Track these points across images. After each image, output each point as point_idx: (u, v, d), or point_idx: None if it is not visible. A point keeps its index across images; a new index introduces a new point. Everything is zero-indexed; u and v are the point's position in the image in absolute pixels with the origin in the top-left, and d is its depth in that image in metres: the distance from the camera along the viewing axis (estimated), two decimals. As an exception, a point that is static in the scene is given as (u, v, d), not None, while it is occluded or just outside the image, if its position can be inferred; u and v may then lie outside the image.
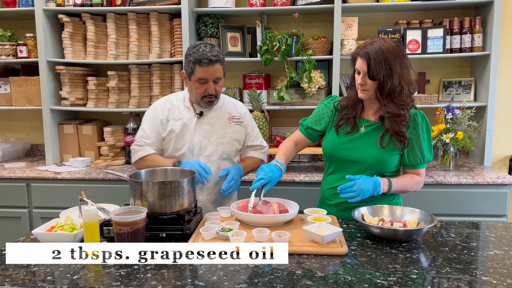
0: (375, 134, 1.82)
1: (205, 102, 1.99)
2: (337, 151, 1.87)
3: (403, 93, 1.75)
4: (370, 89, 1.76)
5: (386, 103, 1.76)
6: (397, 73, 1.71)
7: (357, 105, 1.86)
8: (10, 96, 3.17)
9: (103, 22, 3.09)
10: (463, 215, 2.59)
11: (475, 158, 3.06)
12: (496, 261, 1.40)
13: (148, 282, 1.26)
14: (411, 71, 1.79)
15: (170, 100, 2.10)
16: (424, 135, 1.83)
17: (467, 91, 3.10)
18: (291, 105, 2.96)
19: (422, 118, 1.83)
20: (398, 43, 1.78)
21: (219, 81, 1.97)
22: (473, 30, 2.89)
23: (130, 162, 3.07)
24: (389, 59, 1.70)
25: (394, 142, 1.78)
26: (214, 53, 1.90)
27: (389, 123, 1.76)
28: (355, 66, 1.79)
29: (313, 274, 1.30)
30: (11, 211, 2.87)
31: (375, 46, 1.72)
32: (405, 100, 1.75)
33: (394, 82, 1.72)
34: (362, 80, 1.76)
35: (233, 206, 1.77)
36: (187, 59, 1.95)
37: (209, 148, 2.06)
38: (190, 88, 2.01)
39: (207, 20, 3.02)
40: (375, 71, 1.70)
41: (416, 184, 1.87)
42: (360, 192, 1.70)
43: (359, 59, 1.75)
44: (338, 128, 1.88)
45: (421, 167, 1.86)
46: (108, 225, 1.57)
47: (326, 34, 3.09)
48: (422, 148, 1.82)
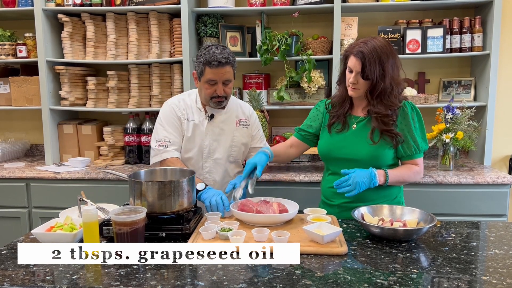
0: (366, 130, 1.83)
1: (214, 103, 2.01)
2: (331, 150, 1.88)
3: (393, 94, 1.77)
4: (361, 88, 1.78)
5: (375, 103, 1.77)
6: (389, 74, 1.73)
7: (345, 102, 1.88)
8: (9, 96, 3.17)
9: (103, 22, 3.09)
10: (463, 215, 2.58)
11: (475, 158, 3.06)
12: (496, 261, 1.40)
13: (147, 282, 1.26)
14: (401, 71, 1.80)
15: (184, 99, 2.09)
16: (416, 125, 1.82)
17: (467, 91, 3.10)
18: (291, 105, 2.96)
19: (412, 107, 1.83)
20: (389, 42, 1.79)
21: (228, 83, 1.98)
22: (473, 29, 2.89)
23: (129, 162, 3.08)
24: (383, 59, 1.72)
25: (385, 138, 1.79)
26: (225, 55, 1.91)
27: (376, 123, 1.78)
28: (348, 64, 1.79)
29: (313, 274, 1.30)
30: (10, 211, 2.87)
31: (369, 46, 1.72)
32: (393, 101, 1.77)
33: (386, 83, 1.74)
34: (354, 79, 1.77)
35: (233, 206, 1.77)
36: (198, 60, 1.97)
37: (218, 151, 2.07)
38: (200, 88, 2.02)
39: (207, 19, 3.02)
40: (369, 72, 1.72)
41: (415, 174, 1.85)
42: (355, 185, 1.70)
43: (352, 57, 1.75)
44: (330, 127, 1.90)
45: (417, 157, 1.85)
46: (108, 225, 1.56)
47: (326, 34, 3.08)
48: (415, 137, 1.81)
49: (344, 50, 1.83)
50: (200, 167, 2.07)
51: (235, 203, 1.80)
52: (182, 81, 3.00)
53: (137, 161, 3.09)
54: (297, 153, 2.07)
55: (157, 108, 3.04)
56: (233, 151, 2.11)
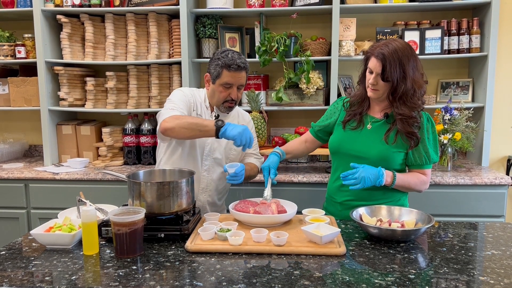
0: (381, 131, 1.84)
1: (225, 107, 2.03)
2: (342, 145, 1.89)
3: (415, 95, 1.77)
4: (381, 90, 1.78)
5: (398, 105, 1.77)
6: (410, 76, 1.73)
7: (364, 102, 1.90)
8: (8, 97, 3.16)
9: (102, 23, 3.09)
10: (461, 216, 2.59)
11: (473, 158, 3.07)
12: (494, 261, 1.41)
13: (146, 283, 1.26)
14: (422, 73, 1.80)
15: (194, 94, 2.09)
16: (430, 136, 1.84)
17: (465, 92, 3.11)
18: (290, 106, 2.97)
19: (428, 119, 1.85)
20: (409, 45, 1.79)
21: (242, 88, 2.01)
22: (471, 31, 2.90)
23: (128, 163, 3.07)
24: (404, 62, 1.72)
25: (403, 139, 1.80)
26: (242, 60, 1.96)
27: (401, 125, 1.78)
28: (368, 65, 1.79)
29: (311, 275, 1.31)
30: (9, 211, 2.86)
31: (390, 48, 1.72)
32: (416, 102, 1.77)
33: (407, 85, 1.73)
34: (374, 80, 1.77)
35: (231, 206, 1.77)
36: (214, 62, 1.98)
37: (218, 151, 2.09)
38: (213, 91, 2.02)
39: (206, 21, 3.02)
40: (389, 74, 1.72)
41: (421, 183, 1.86)
42: (361, 179, 1.71)
43: (373, 58, 1.76)
44: (345, 124, 1.91)
45: (426, 167, 1.86)
46: (107, 226, 1.57)
47: (325, 35, 3.09)
48: (427, 148, 1.82)
49: (365, 51, 1.84)
50: (199, 165, 2.08)
51: (233, 204, 1.80)
52: (181, 82, 3.01)
53: (136, 162, 3.09)
54: (311, 148, 2.14)
55: (156, 109, 3.05)
56: (231, 154, 2.14)
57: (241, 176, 1.88)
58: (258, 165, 2.22)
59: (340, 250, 1.45)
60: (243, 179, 1.90)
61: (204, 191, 2.10)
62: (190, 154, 2.05)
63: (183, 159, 2.05)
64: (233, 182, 1.88)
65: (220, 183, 2.13)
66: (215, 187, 2.12)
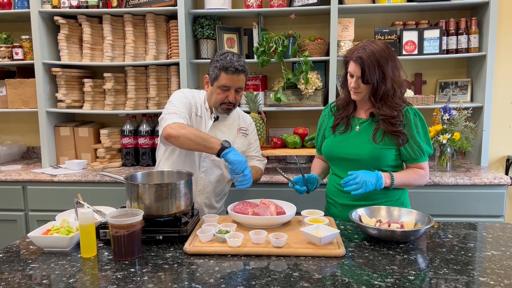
0: (368, 130, 1.86)
1: (222, 109, 2.02)
2: (333, 149, 1.91)
3: (396, 95, 1.80)
4: (363, 92, 1.82)
5: (380, 106, 1.81)
6: (389, 76, 1.77)
7: (349, 105, 1.93)
8: (5, 99, 3.15)
9: (99, 24, 3.08)
10: (460, 216, 2.59)
11: (472, 158, 3.06)
12: (494, 262, 1.40)
13: (145, 285, 1.25)
14: (401, 72, 1.84)
15: (194, 95, 2.09)
16: (419, 130, 1.85)
17: (463, 92, 3.11)
18: (288, 107, 2.96)
19: (415, 113, 1.86)
20: (388, 45, 1.82)
21: (240, 91, 2.00)
22: (469, 31, 2.90)
23: (126, 164, 3.07)
24: (382, 63, 1.75)
25: (390, 137, 1.81)
26: (241, 63, 1.94)
27: (384, 125, 1.81)
28: (348, 69, 1.83)
29: (311, 276, 1.30)
30: (7, 214, 2.85)
31: (367, 51, 1.76)
32: (397, 102, 1.80)
33: (387, 85, 1.77)
34: (356, 84, 1.80)
35: (230, 208, 1.77)
36: (213, 64, 1.98)
37: None
38: (211, 93, 2.02)
39: (204, 21, 3.02)
40: (369, 76, 1.75)
41: (420, 177, 1.87)
42: (363, 183, 1.71)
43: (352, 63, 1.79)
44: (334, 128, 1.94)
45: (422, 160, 1.87)
46: (105, 228, 1.56)
47: (323, 35, 3.09)
48: (418, 142, 1.83)
49: (344, 56, 1.87)
50: (197, 166, 2.07)
51: (232, 205, 1.79)
52: (179, 83, 3.00)
53: (134, 164, 3.08)
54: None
55: (154, 110, 3.04)
56: None
57: (249, 179, 1.84)
58: (262, 167, 2.21)
59: (340, 252, 1.44)
60: (251, 182, 1.85)
61: (201, 193, 2.09)
62: (188, 155, 2.04)
63: (181, 160, 2.04)
64: (243, 187, 1.83)
65: (217, 185, 2.12)
66: (213, 189, 2.11)
